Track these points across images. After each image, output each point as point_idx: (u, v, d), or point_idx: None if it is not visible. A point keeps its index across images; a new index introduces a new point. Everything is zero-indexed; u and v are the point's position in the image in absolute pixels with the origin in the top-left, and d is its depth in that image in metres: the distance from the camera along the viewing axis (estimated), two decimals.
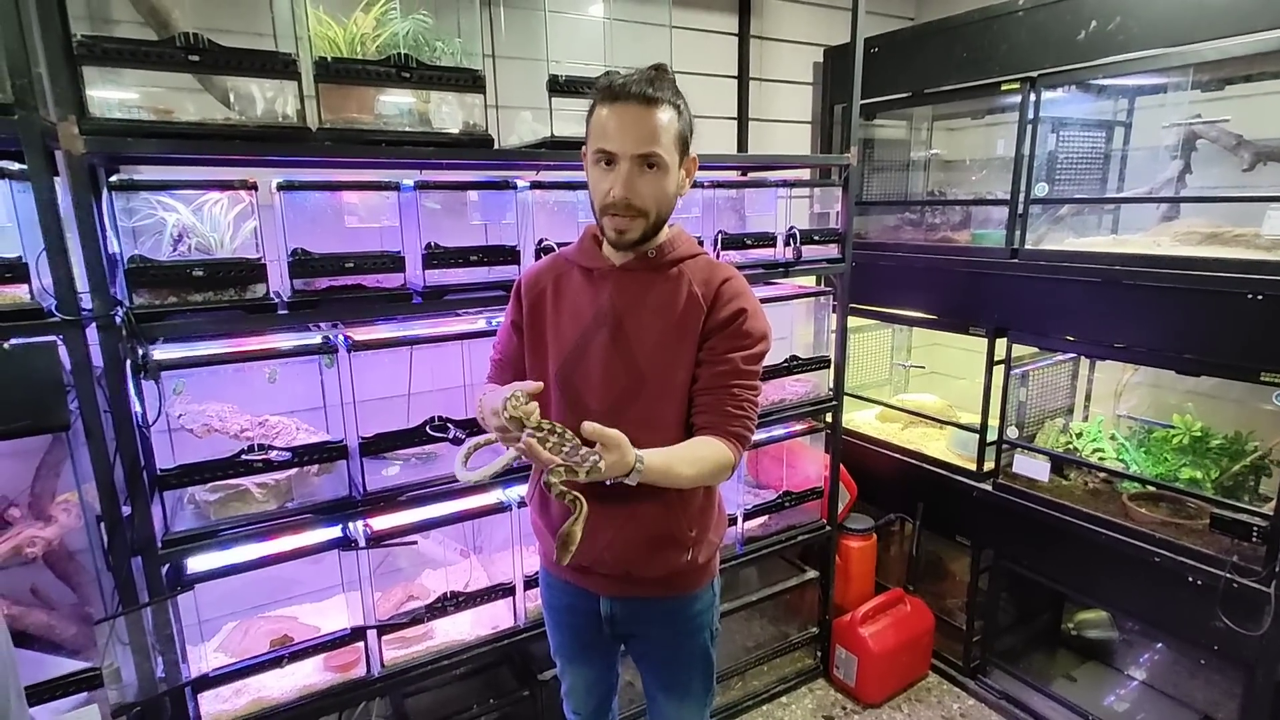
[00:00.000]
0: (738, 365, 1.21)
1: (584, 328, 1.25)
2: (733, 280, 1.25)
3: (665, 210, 1.21)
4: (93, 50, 1.21)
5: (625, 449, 1.06)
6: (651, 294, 1.24)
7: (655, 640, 1.39)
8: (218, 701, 1.55)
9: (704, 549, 1.32)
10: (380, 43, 1.49)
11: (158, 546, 1.38)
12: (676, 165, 1.19)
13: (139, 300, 1.31)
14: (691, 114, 1.22)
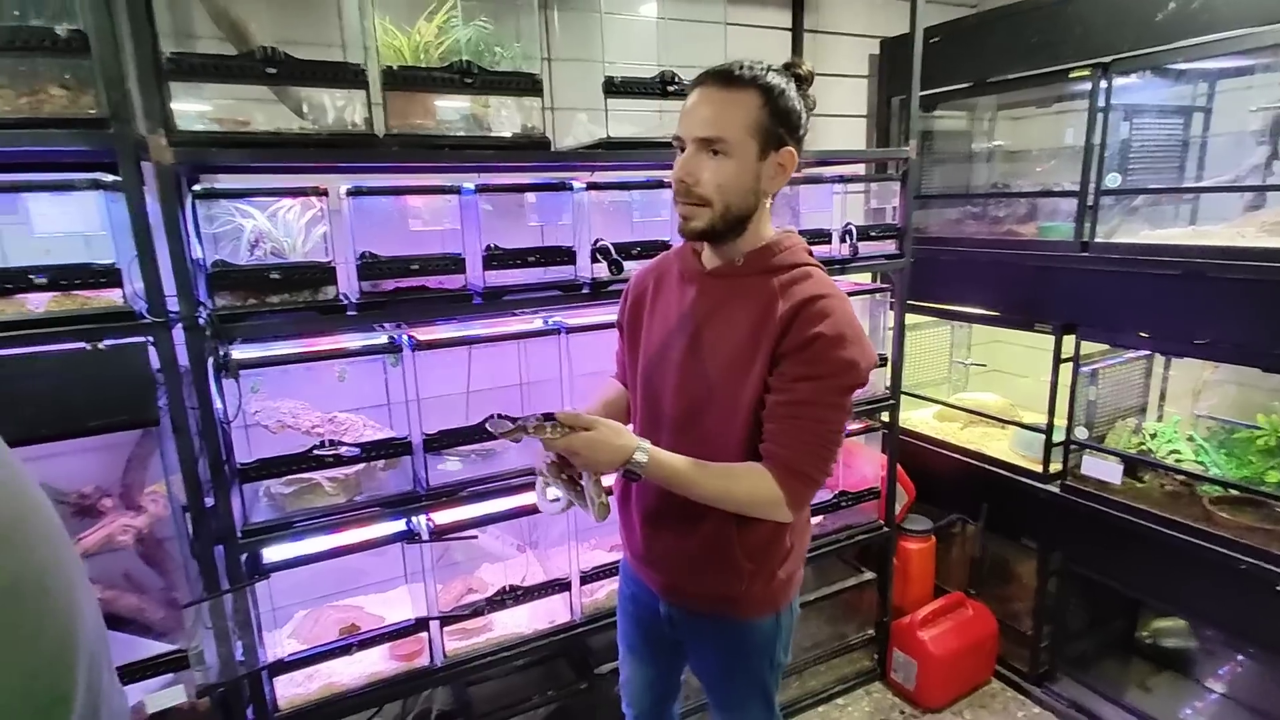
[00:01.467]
0: (808, 396, 1.08)
1: (669, 332, 1.22)
2: (824, 300, 1.09)
3: (736, 202, 1.10)
4: (180, 66, 1.28)
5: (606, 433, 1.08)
6: (734, 304, 1.16)
7: (708, 657, 1.36)
8: (291, 686, 1.62)
9: (764, 580, 1.24)
10: (443, 50, 1.53)
11: (238, 536, 1.45)
12: (754, 155, 1.08)
13: (220, 302, 1.38)
14: (797, 105, 1.10)
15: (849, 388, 1.11)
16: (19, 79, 1.19)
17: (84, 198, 1.27)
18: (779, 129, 1.09)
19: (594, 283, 1.71)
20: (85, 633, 0.78)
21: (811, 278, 1.15)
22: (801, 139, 1.13)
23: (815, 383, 1.08)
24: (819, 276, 1.16)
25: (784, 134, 1.10)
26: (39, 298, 1.25)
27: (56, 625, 0.74)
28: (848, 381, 1.10)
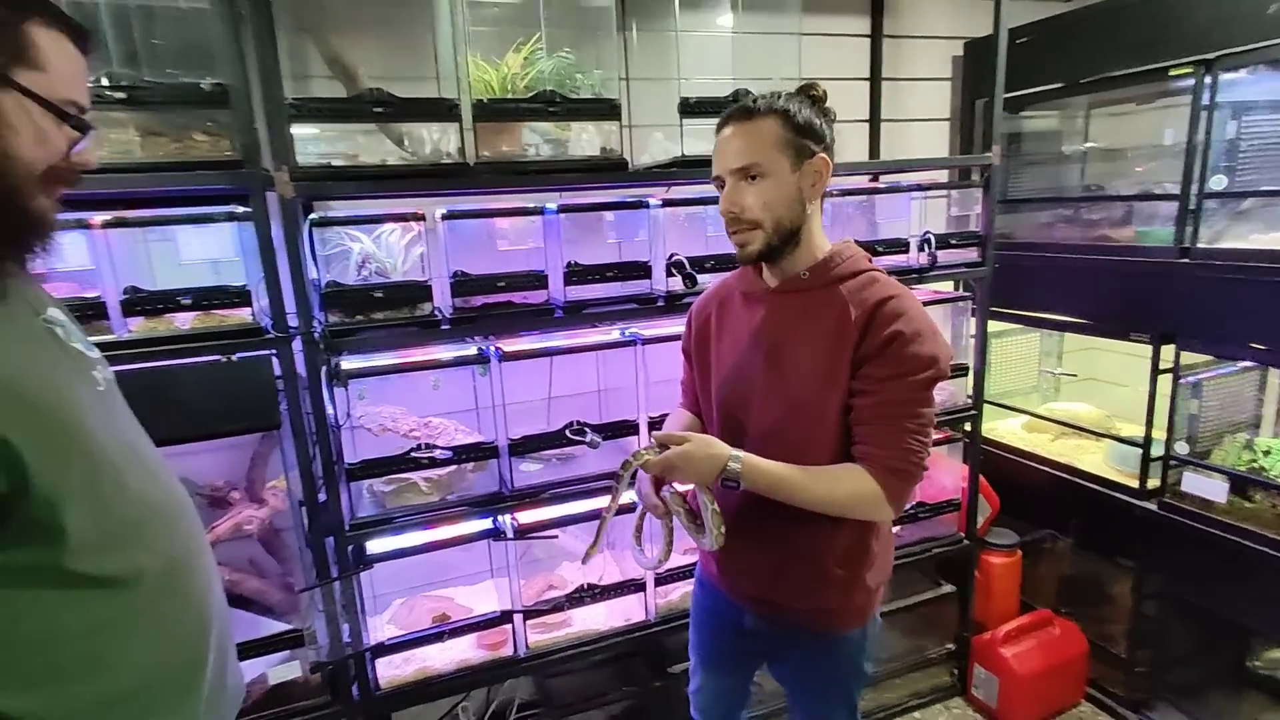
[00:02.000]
0: (895, 395, 1.11)
1: (741, 352, 1.26)
2: (895, 300, 1.14)
3: (786, 217, 1.16)
4: (300, 110, 1.44)
5: (699, 444, 1.14)
6: (806, 317, 1.19)
7: (797, 670, 1.39)
8: (390, 668, 1.77)
9: (856, 591, 1.26)
10: (528, 80, 1.64)
11: (346, 529, 1.61)
12: (789, 170, 1.14)
13: (332, 318, 1.54)
14: (816, 118, 1.17)
15: (932, 381, 1.13)
16: (172, 128, 1.37)
17: (221, 228, 1.45)
18: (804, 141, 1.15)
19: (668, 296, 1.78)
20: (216, 608, 0.92)
21: (878, 281, 1.19)
22: (829, 147, 1.19)
23: (900, 381, 1.11)
24: (885, 279, 1.20)
25: (810, 145, 1.16)
26: (184, 316, 1.44)
27: (198, 600, 0.89)
28: (931, 375, 1.13)
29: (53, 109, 0.74)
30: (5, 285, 0.76)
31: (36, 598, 0.70)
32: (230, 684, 0.94)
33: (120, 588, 0.76)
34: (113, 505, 0.76)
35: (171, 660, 0.82)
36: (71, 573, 0.72)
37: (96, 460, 0.75)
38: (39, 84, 0.73)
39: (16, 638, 0.69)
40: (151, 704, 0.79)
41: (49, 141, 0.75)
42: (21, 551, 0.69)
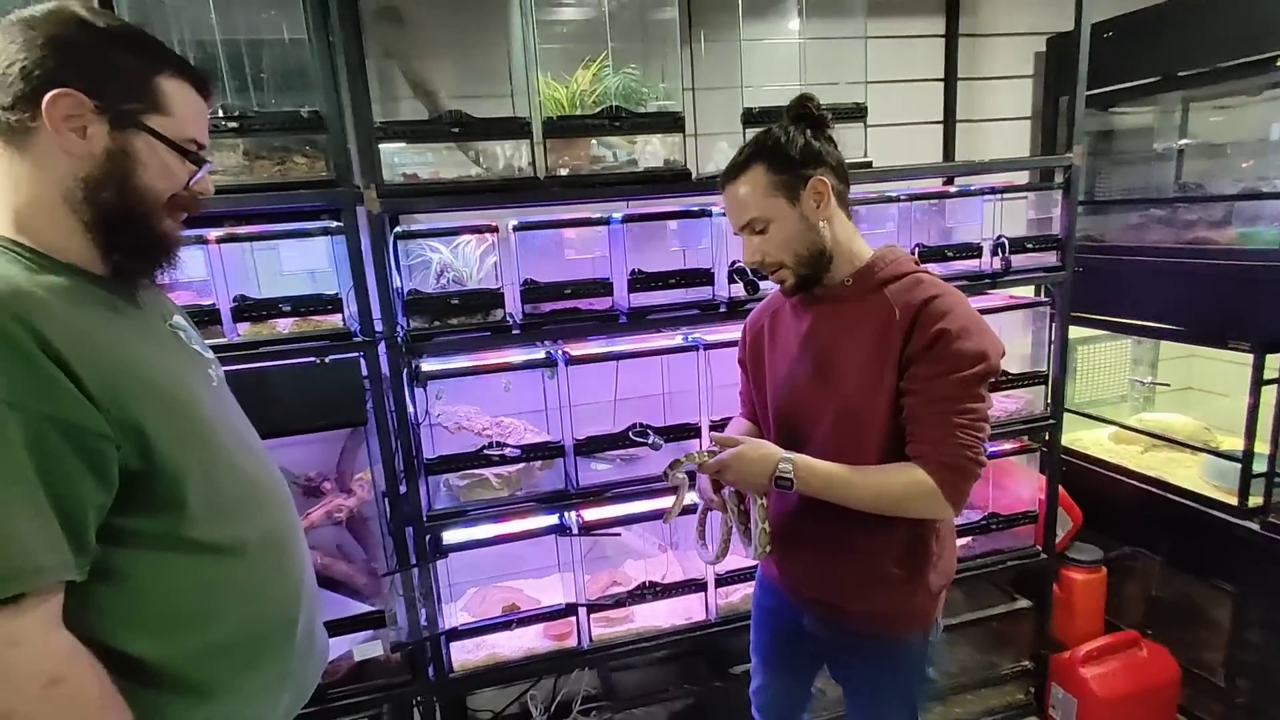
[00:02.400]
0: (946, 391, 1.12)
1: (792, 361, 1.29)
2: (939, 299, 1.15)
3: (804, 248, 1.20)
4: (387, 132, 1.56)
5: (750, 446, 1.20)
6: (851, 323, 1.21)
7: (857, 673, 1.39)
8: (463, 651, 1.88)
9: (917, 592, 1.26)
10: (595, 96, 1.71)
11: (424, 520, 1.72)
12: (787, 206, 1.19)
13: (413, 324, 1.66)
14: (802, 140, 1.19)
15: (982, 377, 1.13)
16: (275, 151, 1.52)
17: (316, 241, 1.59)
18: (792, 172, 1.18)
19: (730, 302, 1.81)
20: (306, 579, 1.04)
21: (922, 282, 1.19)
22: (826, 162, 1.21)
23: (949, 377, 1.12)
24: (929, 279, 1.20)
25: (801, 172, 1.18)
26: (284, 322, 1.59)
27: (291, 570, 1.00)
28: (980, 371, 1.12)
29: (176, 147, 0.85)
30: (139, 296, 0.90)
31: (161, 559, 0.82)
32: (318, 645, 1.06)
33: (227, 554, 0.88)
34: (223, 484, 0.88)
35: (268, 619, 0.94)
36: (188, 539, 0.84)
37: (211, 445, 0.87)
38: (165, 126, 0.85)
39: (142, 592, 0.81)
40: (249, 654, 0.91)
41: (172, 174, 0.86)
42: (150, 520, 0.81)
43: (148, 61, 0.84)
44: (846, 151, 1.84)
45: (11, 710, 0.72)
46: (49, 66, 0.78)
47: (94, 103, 0.80)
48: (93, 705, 0.75)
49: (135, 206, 0.84)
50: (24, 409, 0.70)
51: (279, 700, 0.96)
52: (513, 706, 2.32)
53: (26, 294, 0.73)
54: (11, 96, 0.78)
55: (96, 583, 0.77)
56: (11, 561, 0.69)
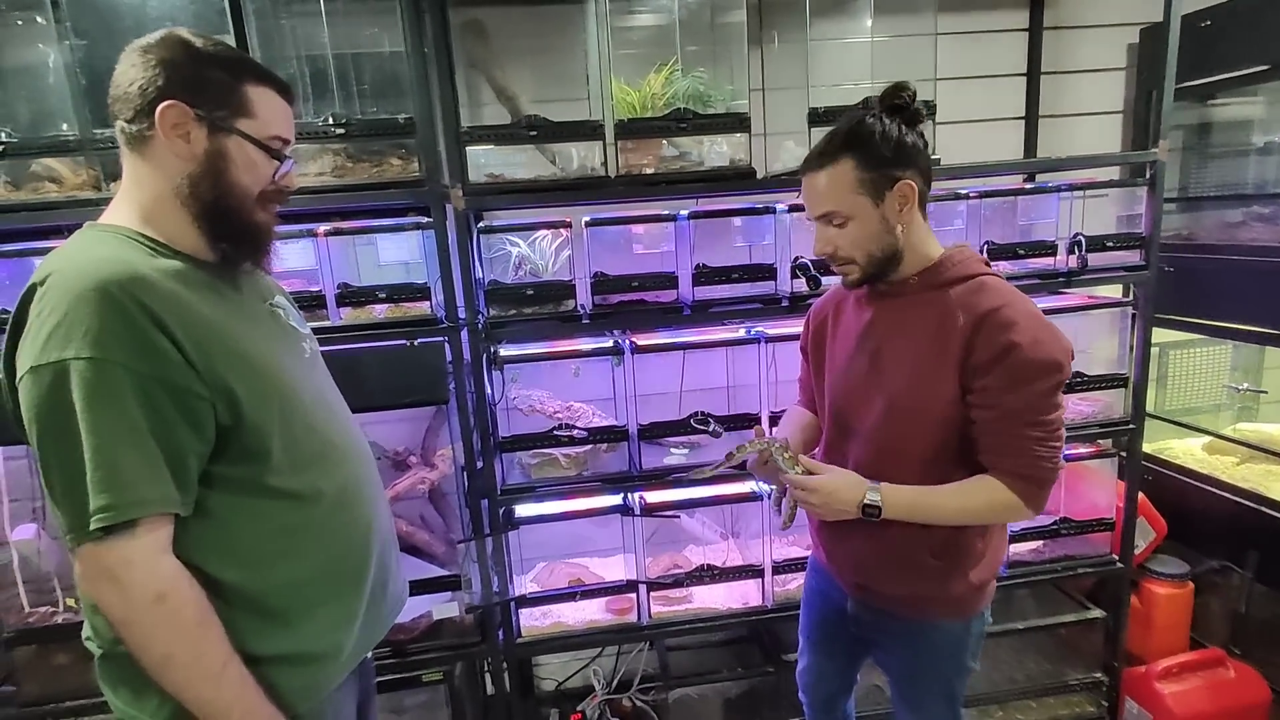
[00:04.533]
0: (1020, 405, 1.12)
1: (850, 352, 1.31)
2: (1004, 309, 1.13)
3: (877, 249, 1.20)
4: (472, 135, 1.70)
5: (839, 480, 1.23)
6: (911, 320, 1.22)
7: (896, 656, 1.41)
8: (531, 618, 2.01)
9: (954, 582, 1.27)
10: (665, 99, 1.80)
11: (498, 493, 1.86)
12: (871, 206, 1.17)
13: (492, 312, 1.80)
14: (896, 135, 1.16)
15: (1056, 387, 1.14)
16: (373, 155, 1.69)
17: (409, 235, 1.75)
18: (883, 172, 1.16)
19: (792, 296, 1.86)
20: (380, 530, 1.17)
21: (987, 288, 1.19)
22: (917, 162, 1.18)
23: (1022, 391, 1.12)
24: (994, 285, 1.19)
25: (890, 172, 1.16)
26: (380, 308, 1.76)
27: (363, 521, 1.14)
28: (1054, 382, 1.13)
29: (261, 146, 0.99)
30: (241, 280, 1.06)
31: (248, 502, 0.97)
32: (390, 591, 1.20)
33: (304, 501, 1.02)
34: (302, 440, 1.02)
35: (340, 562, 1.08)
36: (271, 486, 0.98)
37: (292, 406, 1.02)
38: (252, 128, 0.98)
39: (233, 529, 0.96)
40: (323, 592, 1.05)
41: (258, 170, 1.00)
42: (240, 468, 0.96)
43: (235, 74, 0.98)
44: None
45: (126, 620, 0.87)
46: (159, 84, 0.93)
47: (194, 111, 0.94)
48: (192, 620, 0.89)
49: (230, 199, 0.98)
50: (135, 372, 0.85)
51: (349, 637, 1.09)
52: (575, 679, 2.44)
53: (142, 276, 0.88)
54: (133, 110, 0.94)
55: (197, 519, 0.93)
56: (127, 494, 0.84)
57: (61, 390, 0.83)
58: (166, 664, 0.89)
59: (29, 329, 0.86)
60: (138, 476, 0.85)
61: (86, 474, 0.83)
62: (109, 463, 0.84)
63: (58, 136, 1.63)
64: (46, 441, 0.85)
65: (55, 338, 0.83)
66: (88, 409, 0.83)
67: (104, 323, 0.84)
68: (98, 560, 0.85)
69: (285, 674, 0.99)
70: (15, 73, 1.67)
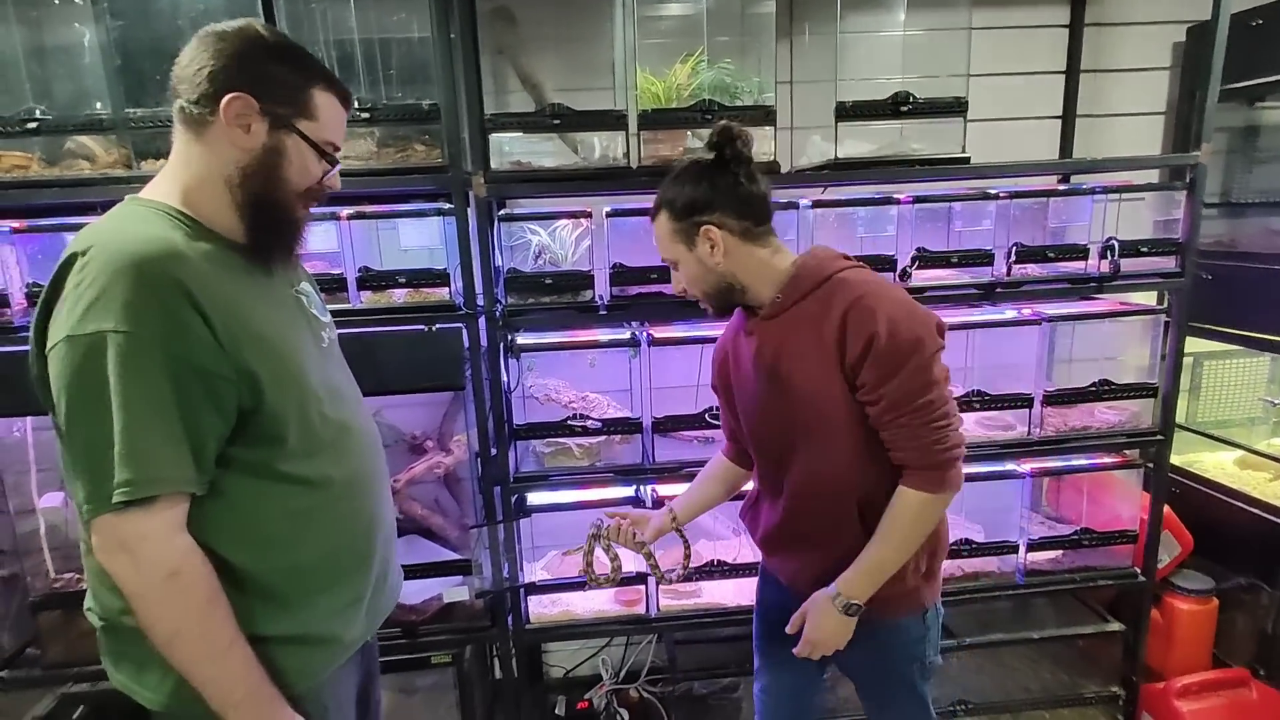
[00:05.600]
0: (898, 393, 1.15)
1: (749, 381, 1.33)
2: (860, 300, 1.16)
3: (711, 285, 1.28)
4: (495, 123, 1.70)
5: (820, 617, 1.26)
6: (790, 337, 1.25)
7: (856, 659, 1.37)
8: (539, 606, 2.02)
9: (905, 576, 1.26)
10: (691, 90, 1.78)
11: (510, 481, 1.87)
12: (687, 251, 1.26)
13: (511, 300, 1.80)
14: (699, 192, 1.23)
15: (926, 364, 1.15)
16: (398, 140, 1.70)
17: (431, 221, 1.76)
18: (689, 220, 1.24)
19: None
20: (384, 520, 1.18)
21: (845, 283, 1.20)
22: (724, 204, 1.23)
23: (894, 379, 1.15)
24: (850, 278, 1.21)
25: (694, 220, 1.24)
26: (400, 293, 1.77)
27: (370, 510, 1.16)
28: (921, 361, 1.15)
29: (317, 148, 1.02)
30: (272, 268, 1.07)
31: (261, 485, 0.98)
32: (390, 582, 1.22)
33: (315, 487, 1.03)
34: (316, 427, 1.03)
35: (346, 549, 1.09)
36: (283, 472, 0.99)
37: (308, 394, 1.03)
38: (311, 130, 1.01)
39: (244, 511, 0.97)
40: (328, 577, 1.06)
41: (309, 171, 1.03)
42: (255, 451, 0.97)
43: (305, 76, 1.00)
44: (944, 146, 1.84)
45: (139, 594, 0.89)
46: (230, 74, 0.95)
47: (259, 105, 0.96)
48: (202, 597, 0.91)
49: (277, 194, 1.01)
50: (169, 350, 0.86)
51: (351, 622, 1.10)
52: (583, 667, 2.46)
53: (182, 255, 0.90)
54: (198, 94, 0.95)
55: (210, 499, 0.94)
56: (148, 471, 0.86)
57: (95, 361, 0.84)
58: (174, 640, 0.90)
59: (65, 298, 0.87)
60: (161, 454, 0.87)
61: (114, 446, 0.85)
62: (135, 438, 0.85)
63: (92, 115, 1.66)
64: (75, 411, 0.86)
65: (94, 310, 0.84)
66: (120, 382, 0.84)
67: (142, 298, 0.85)
68: (114, 531, 0.87)
69: (285, 654, 1.01)
70: (53, 51, 1.70)
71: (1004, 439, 2.01)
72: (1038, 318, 1.94)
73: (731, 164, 1.23)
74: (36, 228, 1.68)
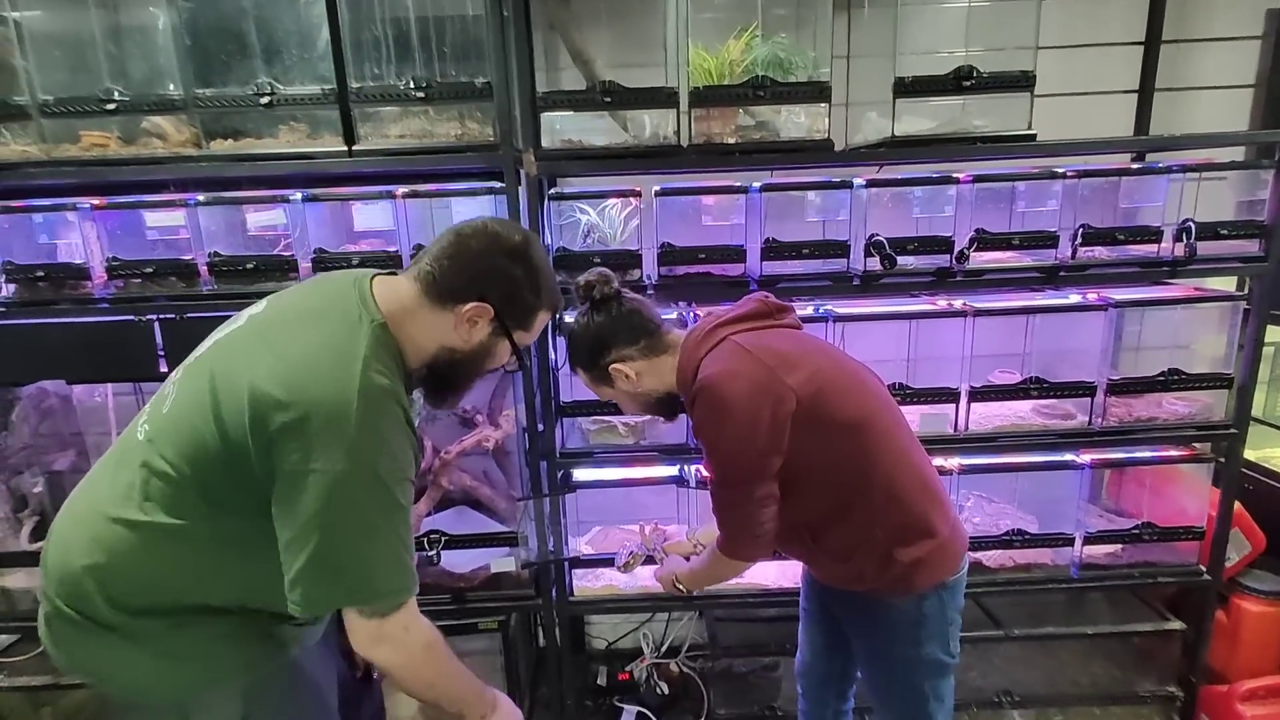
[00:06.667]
0: (708, 472, 1.31)
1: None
2: (699, 392, 1.25)
3: (642, 406, 1.44)
4: (547, 101, 1.71)
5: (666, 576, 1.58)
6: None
7: (855, 633, 1.45)
8: (583, 580, 2.07)
9: (889, 565, 1.28)
10: (744, 66, 1.75)
11: (557, 456, 1.91)
12: (610, 389, 1.42)
13: (560, 278, 1.81)
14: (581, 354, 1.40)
15: (723, 462, 1.25)
16: (452, 118, 1.72)
17: (482, 200, 1.78)
18: (594, 366, 1.39)
19: (865, 275, 1.80)
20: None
21: (699, 372, 1.27)
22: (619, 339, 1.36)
23: (707, 459, 1.28)
24: (705, 366, 1.27)
25: (599, 363, 1.37)
26: None
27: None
28: (720, 459, 1.25)
29: (517, 354, 1.19)
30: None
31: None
32: None
33: None
34: None
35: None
36: None
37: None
38: (520, 338, 1.17)
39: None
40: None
41: (500, 363, 1.19)
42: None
43: (542, 301, 1.16)
44: (1009, 122, 1.77)
45: (405, 666, 1.06)
46: (487, 284, 1.09)
47: (493, 312, 1.10)
48: (445, 654, 1.09)
49: (466, 378, 1.18)
50: (408, 479, 1.04)
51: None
52: (625, 640, 2.50)
53: (404, 397, 1.03)
54: (449, 280, 1.08)
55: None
56: (406, 579, 1.03)
57: (368, 490, 0.97)
58: (431, 689, 1.11)
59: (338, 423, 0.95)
60: (410, 566, 1.05)
61: (384, 559, 1.01)
62: (402, 552, 1.03)
63: (164, 95, 1.73)
64: (344, 527, 0.97)
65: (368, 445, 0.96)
66: (386, 511, 1.00)
67: (399, 438, 1.01)
68: (381, 626, 1.02)
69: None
70: (128, 31, 1.77)
71: (1062, 428, 1.94)
72: (1104, 303, 1.86)
73: (604, 304, 1.37)
74: (115, 204, 1.76)
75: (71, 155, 1.73)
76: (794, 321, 1.39)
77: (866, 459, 1.26)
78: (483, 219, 1.16)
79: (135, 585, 1.03)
